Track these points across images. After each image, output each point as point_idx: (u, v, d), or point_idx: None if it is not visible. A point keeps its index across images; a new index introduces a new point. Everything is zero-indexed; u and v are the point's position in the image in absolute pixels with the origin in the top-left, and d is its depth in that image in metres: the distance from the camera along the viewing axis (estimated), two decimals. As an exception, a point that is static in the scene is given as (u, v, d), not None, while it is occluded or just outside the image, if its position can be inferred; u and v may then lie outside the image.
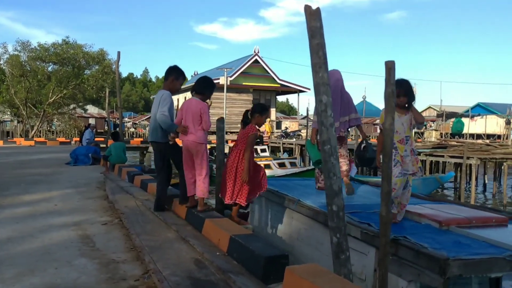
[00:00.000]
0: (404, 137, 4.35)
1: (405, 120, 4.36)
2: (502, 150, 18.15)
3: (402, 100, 4.29)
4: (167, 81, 5.57)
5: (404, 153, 4.32)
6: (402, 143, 4.34)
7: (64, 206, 6.65)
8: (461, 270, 3.14)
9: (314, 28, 3.24)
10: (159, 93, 5.52)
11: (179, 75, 5.58)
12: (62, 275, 3.57)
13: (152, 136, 5.54)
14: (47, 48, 34.40)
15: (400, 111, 4.30)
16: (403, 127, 4.34)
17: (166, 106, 5.29)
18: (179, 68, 5.65)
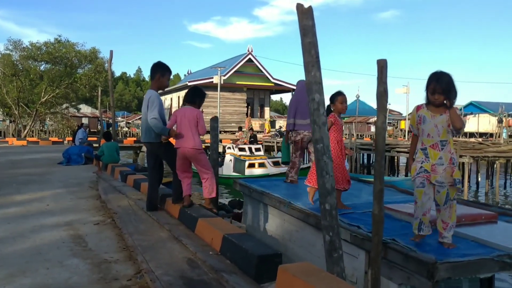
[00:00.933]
0: (439, 141, 3.56)
1: (440, 121, 3.56)
2: (495, 149, 18.29)
3: (438, 98, 3.54)
4: (154, 79, 5.54)
5: (437, 161, 3.54)
6: (435, 148, 3.57)
7: (56, 206, 6.60)
8: (449, 273, 3.14)
9: (306, 27, 3.24)
10: (147, 94, 5.49)
11: (165, 71, 5.52)
12: (54, 275, 3.54)
13: (145, 137, 5.52)
14: (39, 47, 34.17)
15: (435, 110, 3.60)
16: (437, 130, 3.56)
17: (156, 109, 5.26)
18: (163, 64, 5.59)
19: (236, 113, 36.43)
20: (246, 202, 7.03)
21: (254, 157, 20.53)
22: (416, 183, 3.59)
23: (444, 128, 3.56)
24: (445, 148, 3.56)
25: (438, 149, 3.56)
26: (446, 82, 3.52)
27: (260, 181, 7.40)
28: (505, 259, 3.29)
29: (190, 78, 42.01)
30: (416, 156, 3.66)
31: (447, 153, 3.56)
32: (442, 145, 3.57)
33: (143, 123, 5.51)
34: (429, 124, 3.57)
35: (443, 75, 3.54)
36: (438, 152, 3.56)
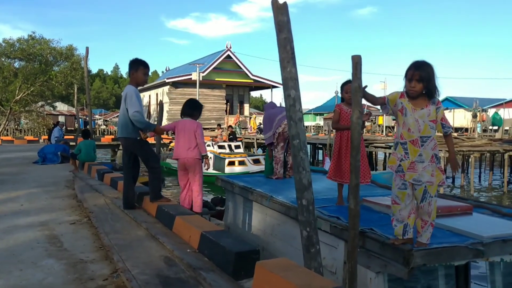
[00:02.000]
0: (419, 137, 3.29)
1: (421, 116, 3.29)
2: (469, 143, 18.68)
3: (414, 85, 3.25)
4: (131, 76, 5.52)
5: (417, 158, 3.29)
6: (415, 144, 3.30)
7: (31, 206, 6.46)
8: (425, 259, 3.22)
9: (282, 23, 3.24)
10: (125, 89, 5.46)
11: (139, 66, 5.45)
12: (28, 276, 3.46)
13: (121, 132, 5.43)
14: (12, 44, 33.34)
15: (416, 104, 3.31)
16: (418, 125, 3.28)
17: (136, 104, 5.21)
18: (137, 59, 5.55)
19: (215, 110, 36.30)
20: (228, 198, 7.04)
21: (234, 154, 20.49)
22: (398, 184, 3.38)
23: (426, 123, 3.28)
24: (425, 144, 3.28)
25: (418, 145, 3.29)
26: (426, 71, 3.24)
27: (243, 177, 7.42)
28: (478, 247, 3.37)
29: (168, 75, 41.64)
30: (396, 150, 3.42)
31: (428, 150, 3.28)
32: (423, 141, 3.28)
33: (120, 118, 5.44)
34: (410, 118, 3.29)
35: (424, 63, 3.28)
36: (418, 148, 3.29)
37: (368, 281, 3.61)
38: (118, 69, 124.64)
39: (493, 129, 37.64)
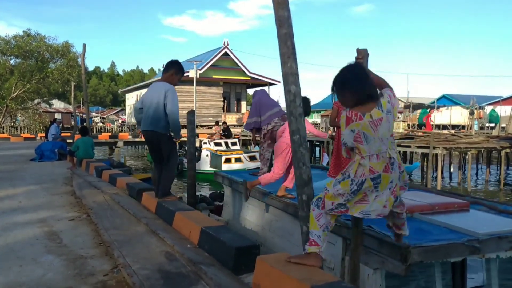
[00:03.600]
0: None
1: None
2: (467, 140, 18.73)
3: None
4: (167, 73, 5.46)
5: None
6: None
7: (29, 203, 6.45)
8: (422, 256, 3.24)
9: (282, 18, 3.23)
10: (163, 84, 5.34)
11: (179, 71, 5.52)
12: (27, 272, 3.46)
13: (151, 125, 5.28)
14: (8, 41, 33.21)
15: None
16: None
17: (177, 104, 5.24)
18: (180, 64, 5.62)
19: (212, 107, 36.27)
20: (227, 193, 7.05)
21: (230, 152, 20.49)
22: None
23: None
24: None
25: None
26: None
27: (241, 173, 7.44)
28: (474, 244, 3.40)
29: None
30: None
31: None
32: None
33: (151, 112, 5.27)
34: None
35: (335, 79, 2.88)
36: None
37: (366, 277, 3.63)
38: (115, 66, 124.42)
39: (490, 126, 37.75)
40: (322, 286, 2.46)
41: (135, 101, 43.15)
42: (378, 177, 2.71)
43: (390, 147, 2.76)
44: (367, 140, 2.69)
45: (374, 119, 2.67)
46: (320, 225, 2.87)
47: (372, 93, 2.74)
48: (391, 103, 2.76)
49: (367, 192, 2.73)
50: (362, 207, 2.76)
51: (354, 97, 2.73)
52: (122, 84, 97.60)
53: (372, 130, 2.67)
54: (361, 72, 2.82)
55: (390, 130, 2.76)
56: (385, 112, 2.71)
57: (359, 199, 2.77)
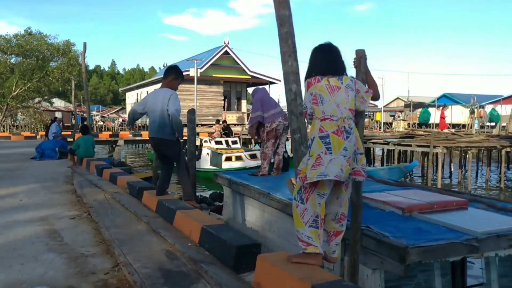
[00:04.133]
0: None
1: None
2: (467, 139, 18.74)
3: None
4: (166, 80, 5.55)
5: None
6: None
7: (30, 201, 6.47)
8: (420, 256, 3.24)
9: (283, 17, 3.25)
10: (165, 90, 5.47)
11: (179, 75, 5.62)
12: (29, 270, 3.47)
13: (157, 132, 5.44)
14: (9, 40, 33.19)
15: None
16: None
17: (179, 105, 5.34)
18: (178, 69, 5.71)
19: (213, 106, 36.26)
20: (226, 194, 7.05)
21: (231, 150, 20.49)
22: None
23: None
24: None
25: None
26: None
27: (240, 173, 7.43)
28: (473, 243, 3.39)
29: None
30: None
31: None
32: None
33: (156, 119, 5.41)
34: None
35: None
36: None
37: (365, 277, 3.63)
38: (115, 65, 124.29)
39: (491, 125, 37.74)
40: (322, 285, 2.47)
41: (135, 100, 43.16)
42: (327, 137, 2.81)
43: (348, 116, 2.88)
44: (322, 102, 2.87)
45: (331, 84, 2.89)
46: (305, 222, 2.86)
47: (334, 69, 2.95)
48: (354, 85, 2.96)
49: (321, 154, 2.80)
50: (319, 169, 2.78)
51: (316, 69, 2.96)
52: (123, 82, 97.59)
53: (328, 92, 2.87)
54: (327, 49, 3.02)
55: (350, 104, 2.91)
56: (344, 85, 2.91)
57: (314, 163, 2.81)
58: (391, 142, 19.98)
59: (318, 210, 2.86)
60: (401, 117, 45.12)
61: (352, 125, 2.89)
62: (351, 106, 2.92)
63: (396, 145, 19.57)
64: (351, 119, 2.92)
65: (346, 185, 3.01)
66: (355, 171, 2.92)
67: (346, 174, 2.83)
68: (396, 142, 19.75)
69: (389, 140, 20.46)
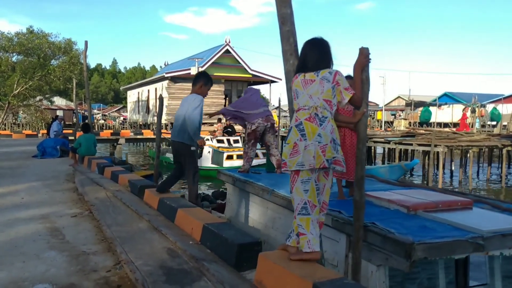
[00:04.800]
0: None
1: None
2: (468, 138, 18.70)
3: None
4: (196, 86, 5.60)
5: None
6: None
7: (31, 199, 6.47)
8: (426, 253, 3.24)
9: (285, 15, 3.25)
10: (190, 96, 5.54)
11: (208, 81, 5.65)
12: (30, 268, 3.48)
13: (177, 136, 5.55)
14: (10, 38, 33.16)
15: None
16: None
17: (198, 109, 5.37)
18: (207, 75, 5.76)
19: (214, 105, 36.20)
20: (230, 191, 7.07)
21: (232, 148, 20.49)
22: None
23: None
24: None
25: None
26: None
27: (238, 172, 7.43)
28: (478, 241, 3.40)
29: (167, 69, 41.53)
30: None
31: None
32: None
33: (178, 122, 5.54)
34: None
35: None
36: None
37: (369, 274, 3.63)
38: (116, 63, 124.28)
39: (492, 124, 37.71)
40: (324, 282, 2.47)
41: (136, 99, 43.17)
42: (300, 124, 2.96)
43: (322, 107, 2.97)
44: (298, 95, 3.08)
45: (306, 79, 3.05)
46: (295, 210, 2.98)
47: (317, 66, 3.05)
48: (333, 77, 3.00)
49: (297, 142, 2.92)
50: (297, 158, 2.91)
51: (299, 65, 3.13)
52: (124, 81, 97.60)
53: (302, 86, 3.05)
54: (313, 46, 3.10)
55: (324, 94, 2.98)
56: (320, 77, 3.00)
57: (292, 151, 2.93)
58: (392, 141, 19.96)
59: (305, 197, 2.90)
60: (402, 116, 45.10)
61: (327, 114, 2.96)
62: (326, 97, 2.98)
63: (397, 144, 19.56)
64: (326, 109, 2.97)
65: (325, 173, 3.04)
66: (336, 161, 2.94)
67: (318, 161, 2.86)
68: (397, 141, 19.74)
69: (390, 139, 20.44)
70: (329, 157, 2.88)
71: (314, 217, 2.90)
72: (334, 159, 2.92)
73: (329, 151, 2.88)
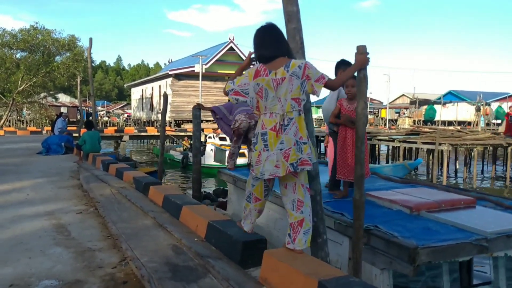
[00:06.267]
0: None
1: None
2: (473, 136, 18.65)
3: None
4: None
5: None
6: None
7: (36, 195, 6.50)
8: (430, 257, 3.22)
9: (291, 13, 3.23)
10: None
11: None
12: (36, 264, 3.50)
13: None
14: (14, 35, 33.26)
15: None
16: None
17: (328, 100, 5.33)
18: (347, 62, 5.56)
19: (218, 102, 36.14)
20: (231, 191, 7.06)
21: (234, 146, 20.47)
22: None
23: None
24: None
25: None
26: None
27: (244, 171, 7.43)
28: (482, 243, 3.38)
29: (171, 66, 41.55)
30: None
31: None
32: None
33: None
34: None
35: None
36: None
37: (373, 277, 3.62)
38: (121, 60, 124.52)
39: (496, 123, 37.54)
40: (329, 280, 2.47)
41: (140, 96, 43.21)
42: (266, 134, 2.95)
43: (289, 109, 2.93)
44: (267, 97, 2.95)
45: (277, 78, 2.93)
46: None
47: (281, 53, 3.01)
48: (303, 71, 2.93)
49: (261, 151, 2.96)
50: (259, 167, 2.97)
51: (264, 54, 3.02)
52: (128, 78, 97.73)
53: (273, 87, 2.93)
54: (269, 31, 3.10)
55: (293, 93, 2.93)
56: (290, 73, 2.92)
57: (257, 159, 2.99)
58: (396, 139, 19.91)
59: (251, 189, 3.20)
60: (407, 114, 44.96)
61: (293, 115, 2.94)
62: (294, 95, 2.95)
63: (401, 142, 19.51)
64: (294, 108, 2.95)
65: (294, 173, 3.00)
66: (302, 161, 2.94)
67: (283, 169, 2.90)
68: (401, 139, 19.69)
69: (394, 137, 20.39)
70: (293, 160, 2.90)
71: (252, 206, 3.26)
72: (300, 160, 2.93)
73: (293, 155, 2.90)
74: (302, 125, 2.98)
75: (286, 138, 2.90)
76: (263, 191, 3.19)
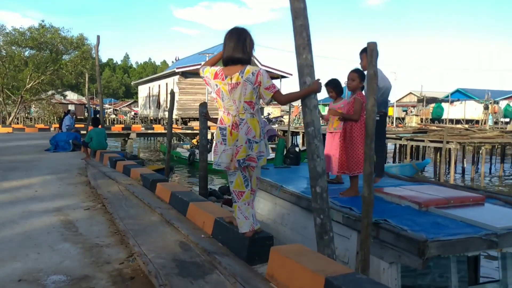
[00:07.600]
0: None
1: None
2: (481, 135, 18.54)
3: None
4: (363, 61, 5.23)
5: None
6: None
7: (45, 192, 6.55)
8: (439, 250, 3.23)
9: (298, 9, 3.23)
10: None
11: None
12: (45, 259, 3.53)
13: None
14: (23, 33, 33.44)
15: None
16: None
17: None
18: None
19: (224, 100, 36.24)
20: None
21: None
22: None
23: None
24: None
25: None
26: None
27: None
28: (492, 238, 3.38)
29: (178, 64, 41.61)
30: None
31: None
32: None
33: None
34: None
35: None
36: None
37: (381, 271, 3.62)
38: (128, 58, 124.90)
39: (505, 121, 37.25)
40: (336, 277, 2.47)
41: (147, 94, 43.33)
42: (224, 129, 3.32)
43: (241, 111, 3.27)
44: (223, 98, 3.31)
45: (232, 82, 3.24)
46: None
47: (239, 58, 3.26)
48: (256, 78, 3.22)
49: (217, 143, 3.34)
50: (215, 157, 3.37)
51: (224, 56, 3.33)
52: (135, 76, 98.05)
53: (228, 91, 3.26)
54: (233, 37, 3.31)
55: (246, 96, 3.24)
56: (244, 79, 3.22)
57: (213, 150, 3.38)
58: (404, 137, 19.84)
59: (231, 187, 3.42)
60: (414, 112, 44.72)
61: (245, 116, 3.26)
62: (247, 98, 3.25)
63: (409, 140, 19.43)
64: (247, 110, 3.26)
65: (251, 167, 3.42)
66: (250, 158, 3.30)
67: (232, 163, 3.29)
68: (408, 137, 19.61)
69: (401, 135, 20.31)
70: (241, 157, 3.26)
71: (240, 203, 3.38)
72: (248, 156, 3.28)
73: (242, 152, 3.26)
74: (255, 125, 3.29)
75: (240, 136, 3.27)
76: (243, 182, 3.39)
